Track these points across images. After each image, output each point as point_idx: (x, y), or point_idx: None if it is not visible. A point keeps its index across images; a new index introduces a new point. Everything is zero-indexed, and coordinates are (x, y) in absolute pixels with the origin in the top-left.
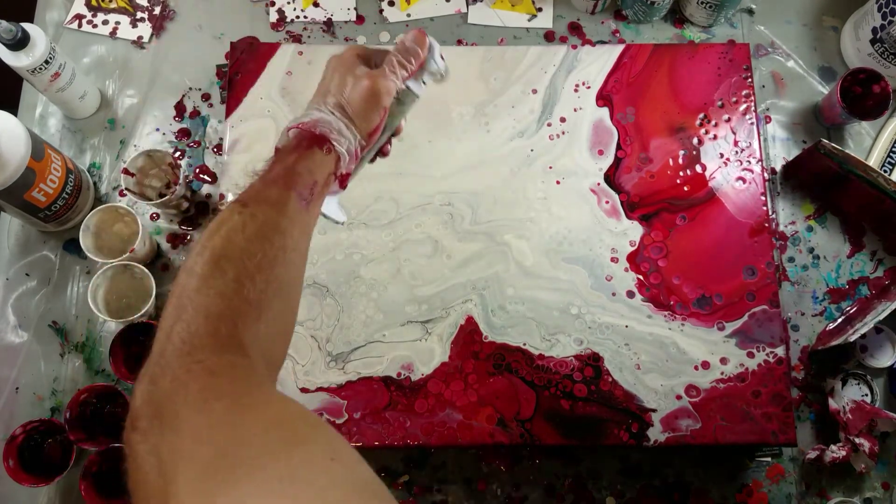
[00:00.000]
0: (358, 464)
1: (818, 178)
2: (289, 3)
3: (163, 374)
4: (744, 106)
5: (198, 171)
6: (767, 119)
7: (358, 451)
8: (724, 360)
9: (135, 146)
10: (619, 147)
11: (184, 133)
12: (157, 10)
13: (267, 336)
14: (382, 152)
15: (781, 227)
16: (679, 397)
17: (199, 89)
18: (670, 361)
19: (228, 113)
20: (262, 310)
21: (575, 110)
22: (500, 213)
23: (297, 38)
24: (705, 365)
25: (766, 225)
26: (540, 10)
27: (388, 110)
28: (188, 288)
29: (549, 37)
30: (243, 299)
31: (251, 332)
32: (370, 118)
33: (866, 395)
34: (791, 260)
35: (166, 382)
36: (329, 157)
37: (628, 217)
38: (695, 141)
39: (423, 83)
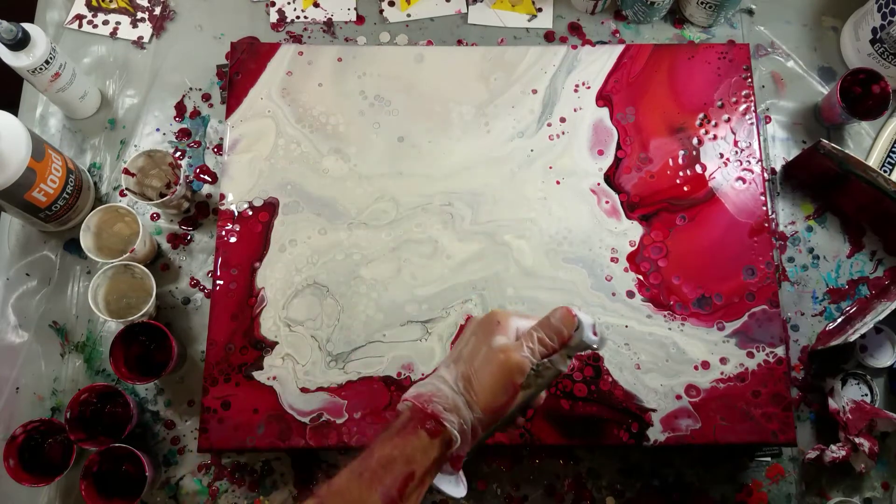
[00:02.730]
0: None
1: (818, 178)
2: (289, 3)
3: None
4: (743, 106)
5: (198, 171)
6: (767, 119)
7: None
8: (723, 360)
9: (135, 146)
10: (618, 147)
11: (184, 133)
12: (158, 11)
13: None
14: (514, 423)
15: (781, 227)
16: (679, 397)
17: (200, 89)
18: (670, 361)
19: (229, 113)
20: None
21: (575, 110)
22: (500, 213)
23: (297, 39)
24: (705, 365)
25: (766, 225)
26: (540, 10)
27: (523, 385)
28: None
29: (549, 37)
30: None
31: None
32: (496, 395)
33: (866, 395)
34: (791, 260)
35: None
36: (435, 441)
37: (628, 217)
38: (695, 141)
39: (569, 359)
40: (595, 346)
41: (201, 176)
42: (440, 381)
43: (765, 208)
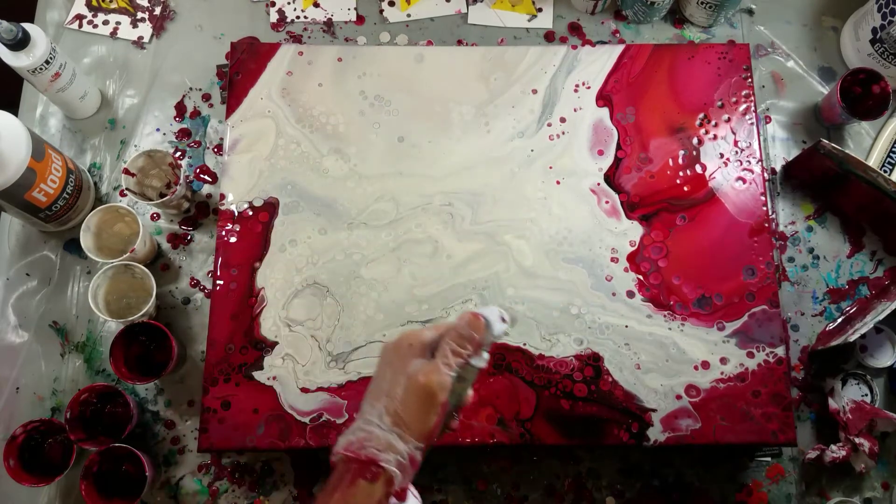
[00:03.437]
0: None
1: (818, 178)
2: (289, 3)
3: None
4: (743, 106)
5: (198, 171)
6: (767, 119)
7: None
8: (723, 360)
9: (135, 146)
10: (619, 147)
11: (184, 133)
12: (158, 11)
13: None
14: (449, 427)
15: (781, 227)
16: (679, 397)
17: (200, 89)
18: (670, 361)
19: (229, 113)
20: None
21: (575, 110)
22: (500, 213)
23: (297, 39)
24: (705, 365)
25: (766, 225)
26: (540, 10)
27: (448, 397)
28: None
29: (549, 37)
30: None
31: None
32: (426, 420)
33: (866, 395)
34: (791, 260)
35: None
36: (377, 483)
37: (628, 217)
38: (695, 141)
39: (485, 353)
40: (507, 333)
41: (201, 176)
42: (367, 424)
43: (765, 208)
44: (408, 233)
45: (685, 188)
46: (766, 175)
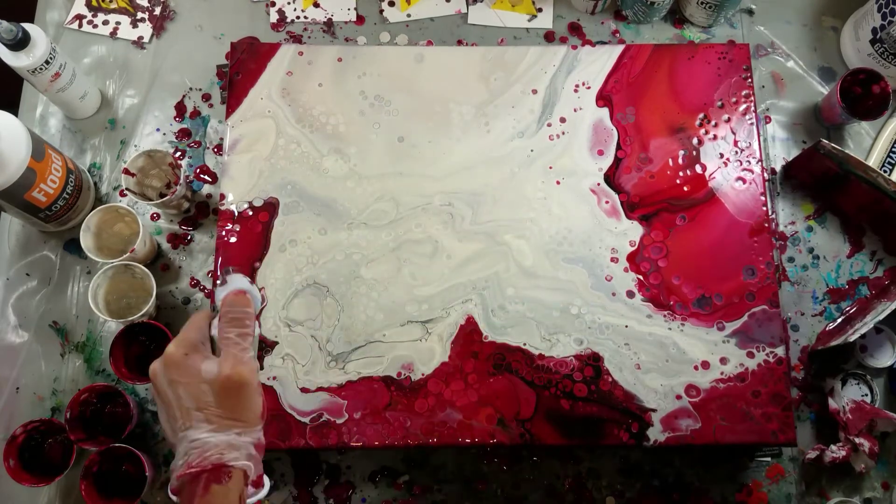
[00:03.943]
0: None
1: (818, 178)
2: (289, 3)
3: None
4: (743, 106)
5: (198, 171)
6: (767, 119)
7: (359, 451)
8: (723, 360)
9: (135, 146)
10: (618, 147)
11: (184, 133)
12: (158, 11)
13: None
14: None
15: (781, 227)
16: (679, 397)
17: (200, 89)
18: (670, 361)
19: (229, 113)
20: None
21: (575, 110)
22: (500, 213)
23: (297, 39)
24: (705, 365)
25: (766, 225)
26: (540, 10)
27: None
28: None
29: (549, 37)
30: None
31: None
32: (253, 406)
33: (866, 395)
34: (791, 260)
35: None
36: (232, 482)
37: (628, 217)
38: (695, 141)
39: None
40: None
41: (201, 176)
42: (193, 441)
43: (765, 208)
44: (408, 233)
45: (685, 188)
46: (766, 175)
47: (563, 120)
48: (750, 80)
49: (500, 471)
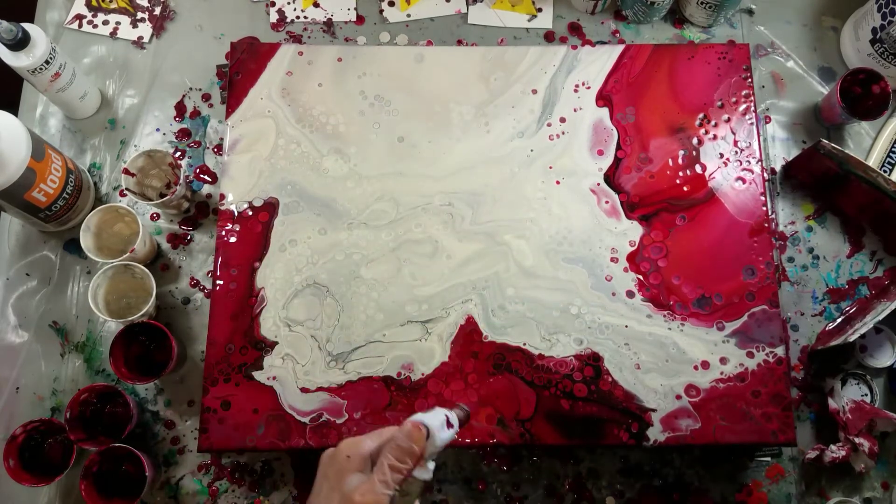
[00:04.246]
0: None
1: (818, 178)
2: (289, 3)
3: None
4: (743, 106)
5: (198, 171)
6: (767, 119)
7: None
8: (723, 360)
9: (135, 146)
10: (618, 147)
11: (184, 133)
12: (158, 11)
13: None
14: None
15: (781, 227)
16: (679, 397)
17: (200, 89)
18: (670, 361)
19: (229, 113)
20: None
21: (575, 110)
22: (500, 213)
23: (297, 39)
24: (705, 365)
25: (766, 225)
26: (540, 10)
27: None
28: None
29: (549, 37)
30: None
31: None
32: None
33: (866, 395)
34: (791, 260)
35: None
36: None
37: (628, 217)
38: (694, 141)
39: (430, 463)
40: (457, 436)
41: (201, 176)
42: None
43: (765, 208)
44: (408, 233)
45: (685, 188)
46: (765, 175)
47: (562, 120)
48: (750, 80)
49: (500, 471)
